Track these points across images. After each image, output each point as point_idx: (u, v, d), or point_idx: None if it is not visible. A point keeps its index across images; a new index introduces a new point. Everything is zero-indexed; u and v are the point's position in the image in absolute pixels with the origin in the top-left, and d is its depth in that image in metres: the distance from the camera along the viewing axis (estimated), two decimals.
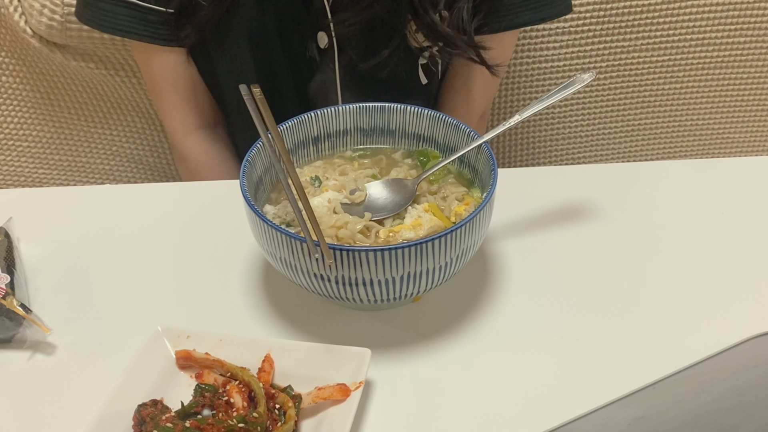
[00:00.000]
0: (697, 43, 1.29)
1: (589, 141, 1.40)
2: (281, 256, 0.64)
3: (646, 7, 1.24)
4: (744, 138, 1.42)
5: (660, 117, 1.38)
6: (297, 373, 0.63)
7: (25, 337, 0.68)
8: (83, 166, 1.33)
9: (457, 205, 0.72)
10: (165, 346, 0.64)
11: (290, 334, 0.69)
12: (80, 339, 0.69)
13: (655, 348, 0.67)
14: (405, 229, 0.69)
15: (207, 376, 0.63)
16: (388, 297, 0.64)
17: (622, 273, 0.75)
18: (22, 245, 0.77)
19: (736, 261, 0.76)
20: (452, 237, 0.62)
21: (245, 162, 0.69)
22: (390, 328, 0.69)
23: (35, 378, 0.65)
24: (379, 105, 0.78)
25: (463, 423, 0.61)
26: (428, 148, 0.78)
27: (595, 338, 0.68)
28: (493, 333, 0.69)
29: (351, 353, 0.62)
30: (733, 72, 1.33)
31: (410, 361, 0.66)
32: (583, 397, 0.61)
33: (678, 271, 0.75)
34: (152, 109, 1.26)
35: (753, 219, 0.81)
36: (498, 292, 0.73)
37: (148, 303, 0.73)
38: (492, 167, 0.69)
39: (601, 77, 1.31)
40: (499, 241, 0.78)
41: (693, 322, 0.70)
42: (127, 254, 0.78)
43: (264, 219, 0.63)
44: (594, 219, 0.82)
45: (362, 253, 0.60)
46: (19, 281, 0.71)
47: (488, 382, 0.65)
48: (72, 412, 0.62)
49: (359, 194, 0.74)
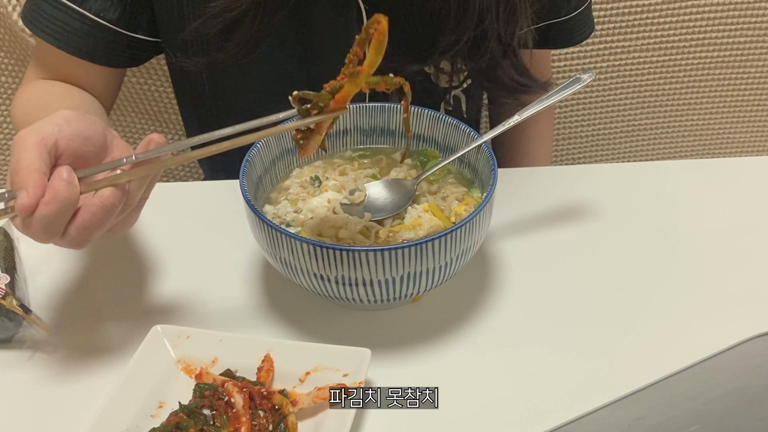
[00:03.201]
0: (697, 43, 1.29)
1: (589, 141, 1.40)
2: (281, 256, 0.64)
3: (646, 7, 1.24)
4: (744, 138, 1.42)
5: (660, 117, 1.38)
6: (297, 373, 0.63)
7: (25, 337, 0.67)
8: None
9: (457, 205, 0.72)
10: (165, 346, 0.64)
11: (290, 334, 0.69)
12: (80, 339, 0.69)
13: (656, 348, 0.67)
14: (405, 229, 0.69)
15: (207, 376, 0.63)
16: (388, 297, 0.64)
17: (622, 273, 0.75)
18: (22, 245, 0.77)
19: (737, 261, 0.76)
20: (452, 237, 0.62)
21: (245, 162, 0.69)
22: (390, 328, 0.69)
23: (35, 378, 0.65)
24: (379, 105, 0.78)
25: (463, 423, 0.61)
26: (428, 148, 0.78)
27: (595, 338, 0.68)
28: (493, 333, 0.69)
29: (351, 353, 0.62)
30: (733, 72, 1.33)
31: (410, 361, 0.66)
32: (583, 397, 0.61)
33: (678, 271, 0.75)
34: (152, 109, 1.26)
35: (753, 219, 0.81)
36: (498, 292, 0.73)
37: (148, 303, 0.73)
38: (492, 167, 0.68)
39: (601, 77, 1.31)
40: (499, 241, 0.78)
41: (693, 322, 0.70)
42: (127, 254, 0.78)
43: (264, 219, 0.63)
44: (594, 219, 0.82)
45: (362, 253, 0.60)
46: (19, 281, 0.71)
47: (488, 382, 0.65)
48: (72, 412, 0.62)
49: (359, 194, 0.74)
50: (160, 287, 0.74)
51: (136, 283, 0.75)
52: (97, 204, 0.57)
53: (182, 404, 0.60)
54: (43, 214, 0.55)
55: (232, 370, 0.63)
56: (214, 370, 0.63)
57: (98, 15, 0.83)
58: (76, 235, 0.58)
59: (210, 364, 0.64)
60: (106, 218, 0.58)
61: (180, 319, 0.70)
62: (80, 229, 0.57)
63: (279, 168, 0.76)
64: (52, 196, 0.55)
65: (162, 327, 0.65)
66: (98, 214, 0.57)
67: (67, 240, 0.58)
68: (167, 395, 0.62)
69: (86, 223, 0.57)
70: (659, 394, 0.53)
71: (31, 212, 0.55)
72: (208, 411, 0.60)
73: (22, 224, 0.57)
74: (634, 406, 0.53)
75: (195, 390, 0.62)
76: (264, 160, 0.73)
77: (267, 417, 0.59)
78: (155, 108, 1.26)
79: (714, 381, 0.55)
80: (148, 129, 1.29)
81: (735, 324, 0.68)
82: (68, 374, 0.66)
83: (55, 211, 0.56)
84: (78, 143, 0.59)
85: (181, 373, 0.64)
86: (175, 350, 0.64)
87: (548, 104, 0.73)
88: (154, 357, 0.63)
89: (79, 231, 0.57)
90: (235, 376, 0.63)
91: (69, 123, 0.60)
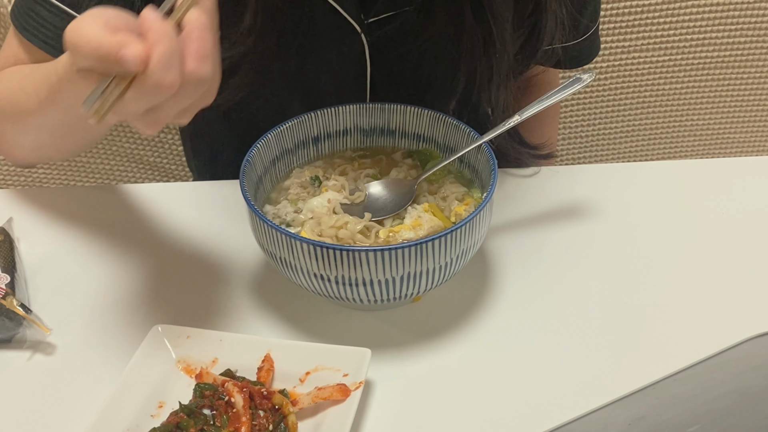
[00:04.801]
0: (697, 43, 1.29)
1: (589, 141, 1.40)
2: (281, 256, 0.64)
3: (646, 7, 1.24)
4: (744, 138, 1.42)
5: (660, 117, 1.38)
6: (297, 373, 0.63)
7: (25, 337, 0.67)
8: (83, 166, 1.33)
9: (457, 205, 0.72)
10: (165, 346, 0.64)
11: (290, 334, 0.69)
12: (80, 339, 0.69)
13: (655, 348, 0.67)
14: (405, 229, 0.69)
15: (207, 376, 0.63)
16: (388, 297, 0.64)
17: (622, 273, 0.75)
18: (22, 245, 0.77)
19: (736, 261, 0.76)
20: (452, 237, 0.62)
21: (245, 162, 0.69)
22: (390, 328, 0.69)
23: (35, 378, 0.65)
24: (379, 105, 0.78)
25: (463, 423, 0.61)
26: (428, 148, 0.78)
27: (595, 338, 0.68)
28: (493, 333, 0.69)
29: (351, 353, 0.62)
30: (733, 72, 1.33)
31: (410, 361, 0.66)
32: (583, 397, 0.61)
33: (678, 271, 0.75)
34: None
35: (753, 219, 0.81)
36: (498, 292, 0.73)
37: (148, 303, 0.73)
38: (492, 167, 0.69)
39: (601, 77, 1.31)
40: (499, 241, 0.78)
41: (693, 322, 0.70)
42: (127, 254, 0.78)
43: (264, 219, 0.63)
44: (594, 219, 0.82)
45: (362, 253, 0.60)
46: (19, 281, 0.71)
47: (488, 382, 0.65)
48: (72, 412, 0.62)
49: (359, 194, 0.74)
50: (160, 287, 0.74)
51: (136, 283, 0.75)
52: (196, 29, 0.52)
53: (182, 404, 0.60)
54: (160, 55, 0.50)
55: (232, 370, 0.63)
56: (214, 370, 0.63)
57: None
58: (197, 67, 0.52)
59: (210, 364, 0.64)
60: (210, 41, 0.53)
61: (180, 319, 0.70)
62: (197, 60, 0.52)
63: (279, 168, 0.76)
64: (157, 35, 0.50)
65: (162, 327, 0.65)
66: (203, 38, 0.52)
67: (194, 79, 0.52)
68: (167, 395, 0.62)
69: (200, 51, 0.52)
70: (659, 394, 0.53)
71: (146, 61, 0.50)
72: (209, 411, 0.60)
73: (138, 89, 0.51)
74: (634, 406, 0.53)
75: (195, 390, 0.62)
76: (264, 160, 0.73)
77: (267, 417, 0.59)
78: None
79: (714, 381, 0.55)
80: None
81: (735, 324, 0.68)
82: (68, 374, 0.66)
83: (169, 47, 0.50)
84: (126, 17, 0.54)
85: (181, 373, 0.64)
86: (175, 350, 0.64)
87: (548, 104, 0.73)
88: (154, 357, 0.64)
89: (197, 63, 0.52)
90: (235, 376, 0.63)
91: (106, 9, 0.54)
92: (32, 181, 1.32)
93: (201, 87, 0.54)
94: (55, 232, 0.81)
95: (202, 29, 0.53)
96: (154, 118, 0.54)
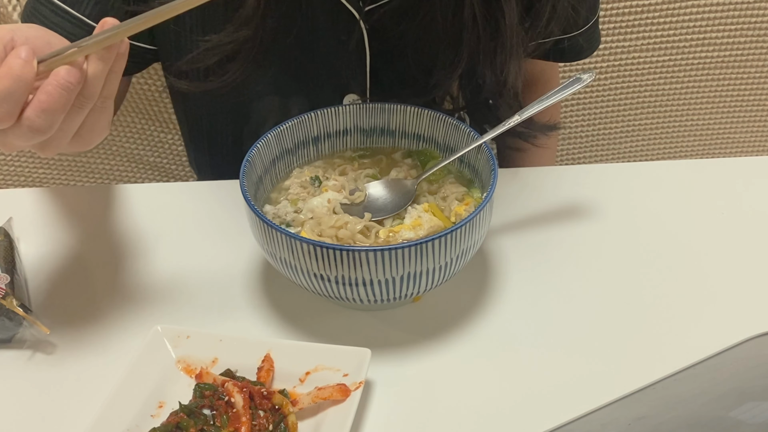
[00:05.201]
0: (697, 43, 1.29)
1: (589, 141, 1.40)
2: (281, 256, 0.64)
3: (646, 7, 1.24)
4: (744, 138, 1.42)
5: (660, 117, 1.38)
6: (297, 373, 0.63)
7: (25, 337, 0.68)
8: (83, 166, 1.33)
9: (457, 205, 0.72)
10: (165, 346, 0.64)
11: (290, 334, 0.69)
12: (80, 339, 0.69)
13: (656, 348, 0.67)
14: (405, 229, 0.69)
15: (207, 376, 0.63)
16: (388, 297, 0.64)
17: (622, 273, 0.75)
18: (22, 245, 0.77)
19: (736, 261, 0.76)
20: (452, 237, 0.62)
21: (245, 162, 0.69)
22: (390, 328, 0.69)
23: (35, 378, 0.65)
24: (379, 105, 0.78)
25: (463, 423, 0.61)
26: (428, 148, 0.78)
27: (596, 338, 0.68)
28: (493, 333, 0.69)
29: (351, 353, 0.62)
30: (733, 72, 1.33)
31: (410, 361, 0.66)
32: (583, 397, 0.61)
33: (678, 271, 0.75)
34: (152, 109, 1.26)
35: (753, 219, 0.81)
36: (498, 292, 0.73)
37: (147, 303, 0.73)
38: (492, 167, 0.69)
39: (601, 77, 1.31)
40: (499, 241, 0.78)
41: (693, 322, 0.70)
42: (127, 254, 0.78)
43: (264, 219, 0.63)
44: (594, 219, 0.82)
45: (362, 253, 0.60)
46: (19, 281, 0.71)
47: (488, 382, 0.65)
48: (72, 412, 0.62)
49: (359, 194, 0.74)
50: (160, 287, 0.74)
51: (136, 283, 0.75)
52: (53, 83, 0.54)
53: (182, 404, 0.60)
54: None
55: (232, 370, 0.63)
56: (214, 370, 0.63)
57: (97, 21, 0.81)
58: (34, 117, 0.54)
59: (210, 364, 0.64)
60: (63, 99, 0.54)
61: (180, 319, 0.70)
62: (37, 110, 0.54)
63: (279, 168, 0.76)
64: (5, 72, 0.52)
65: (162, 327, 0.65)
66: (54, 94, 0.53)
67: (25, 126, 0.54)
68: (167, 395, 0.62)
69: (43, 104, 0.53)
70: (659, 394, 0.53)
71: None
72: (208, 411, 0.60)
73: None
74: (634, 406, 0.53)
75: (195, 390, 0.62)
76: (264, 160, 0.73)
77: (267, 417, 0.59)
78: (155, 108, 1.26)
79: (714, 381, 0.55)
80: (148, 129, 1.29)
81: (735, 324, 0.68)
82: (68, 374, 0.66)
83: (9, 87, 0.52)
84: (39, 44, 0.56)
85: (181, 373, 0.64)
86: (175, 350, 0.64)
87: (548, 104, 0.73)
88: (154, 357, 0.64)
89: (37, 113, 0.54)
90: (235, 376, 0.63)
91: (30, 27, 0.57)
92: (32, 181, 1.32)
93: (35, 136, 0.55)
94: (55, 232, 0.81)
95: (59, 86, 0.54)
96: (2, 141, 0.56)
